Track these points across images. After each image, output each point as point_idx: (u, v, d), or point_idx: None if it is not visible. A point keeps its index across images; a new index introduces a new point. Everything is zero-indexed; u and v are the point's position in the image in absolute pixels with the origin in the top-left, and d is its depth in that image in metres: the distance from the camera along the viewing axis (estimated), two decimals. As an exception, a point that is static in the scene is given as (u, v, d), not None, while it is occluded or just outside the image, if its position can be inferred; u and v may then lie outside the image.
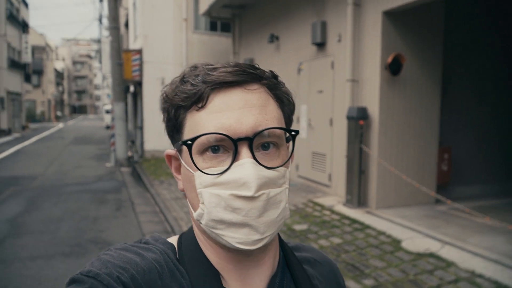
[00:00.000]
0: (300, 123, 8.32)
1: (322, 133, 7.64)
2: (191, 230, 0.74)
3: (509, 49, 7.34)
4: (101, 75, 39.40)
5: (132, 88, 18.21)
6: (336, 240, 5.08)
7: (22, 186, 9.43)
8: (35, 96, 46.08)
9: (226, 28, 14.34)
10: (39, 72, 47.04)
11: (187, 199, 0.71)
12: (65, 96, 76.26)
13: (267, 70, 0.70)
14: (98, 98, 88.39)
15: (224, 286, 0.67)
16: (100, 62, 39.88)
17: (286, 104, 0.71)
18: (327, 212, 6.27)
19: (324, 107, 7.51)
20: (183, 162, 0.68)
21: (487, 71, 7.23)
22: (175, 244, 0.73)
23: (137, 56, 13.67)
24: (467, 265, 4.14)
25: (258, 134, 0.62)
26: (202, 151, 0.64)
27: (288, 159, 0.68)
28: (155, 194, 8.22)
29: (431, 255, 4.47)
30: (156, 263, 0.65)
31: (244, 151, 0.62)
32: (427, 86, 6.41)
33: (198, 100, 0.64)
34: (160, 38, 13.88)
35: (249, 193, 0.60)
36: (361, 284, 3.91)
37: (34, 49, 44.30)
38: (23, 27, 34.22)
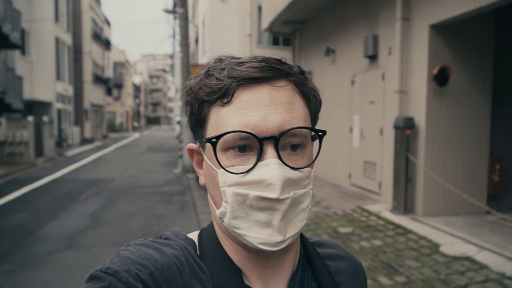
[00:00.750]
0: (353, 133, 8.61)
1: (373, 143, 7.90)
2: (211, 226, 0.73)
3: None
4: (174, 88, 41.75)
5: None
6: (377, 243, 5.37)
7: (102, 187, 10.63)
8: (115, 108, 49.95)
9: (287, 42, 14.95)
10: (119, 86, 50.95)
11: (208, 194, 0.70)
12: (142, 108, 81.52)
13: (294, 66, 0.68)
14: (171, 110, 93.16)
15: (246, 283, 0.67)
16: (173, 75, 42.37)
17: (312, 101, 0.70)
18: (373, 218, 6.54)
19: (375, 117, 7.78)
20: (206, 158, 0.67)
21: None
22: (196, 240, 0.72)
23: (204, 70, 14.69)
24: (499, 268, 4.27)
25: (284, 133, 0.61)
26: (226, 149, 0.62)
27: (314, 160, 0.67)
28: (216, 197, 8.92)
29: (467, 258, 4.63)
30: (175, 259, 0.64)
31: (270, 151, 0.61)
32: (476, 97, 6.48)
33: (223, 96, 0.63)
34: (226, 52, 14.79)
35: (274, 195, 0.59)
36: (393, 280, 4.21)
37: (115, 64, 48.22)
38: (106, 44, 37.52)
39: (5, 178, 12.19)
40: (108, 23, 39.58)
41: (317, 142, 0.70)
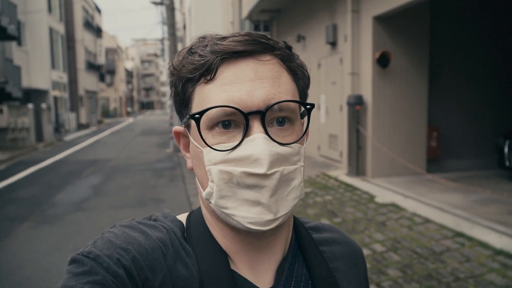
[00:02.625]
0: (320, 110, 9.84)
1: (335, 118, 9.14)
2: (199, 209, 0.71)
3: (495, 40, 8.35)
4: (166, 73, 42.40)
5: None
6: (328, 198, 6.65)
7: (100, 166, 11.85)
8: (108, 94, 50.76)
9: (268, 29, 16.01)
10: (112, 72, 51.66)
11: (195, 177, 0.67)
12: (135, 93, 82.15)
13: (280, 41, 0.65)
14: (164, 94, 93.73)
15: (232, 268, 0.65)
16: (164, 60, 43.08)
17: (300, 77, 0.67)
18: (332, 180, 7.82)
19: (336, 96, 8.99)
20: (191, 139, 0.65)
21: (476, 60, 8.30)
22: (184, 222, 0.70)
23: (191, 57, 15.82)
24: (414, 210, 5.57)
25: (270, 107, 0.59)
26: (211, 127, 0.60)
27: (303, 135, 0.64)
28: (202, 170, 10.18)
29: (392, 204, 5.93)
30: (160, 242, 0.63)
31: (256, 126, 0.58)
32: (415, 76, 7.70)
33: (206, 72, 0.61)
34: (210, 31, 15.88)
35: (261, 170, 0.57)
36: (331, 221, 5.49)
37: (107, 50, 48.84)
38: (97, 32, 38.21)
39: (11, 161, 13.36)
40: (98, 10, 40.16)
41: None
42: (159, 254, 0.61)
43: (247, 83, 0.59)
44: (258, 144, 0.57)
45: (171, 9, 14.90)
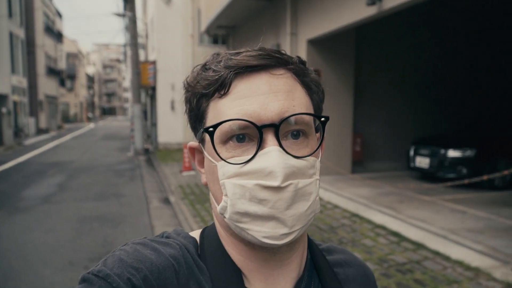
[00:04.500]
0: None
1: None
2: (213, 225, 0.70)
3: (410, 60, 9.96)
4: (129, 78, 42.81)
5: (150, 92, 21.40)
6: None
7: (63, 167, 12.60)
8: (68, 99, 50.33)
9: (225, 43, 17.25)
10: (72, 77, 51.27)
11: (210, 193, 0.67)
12: (96, 99, 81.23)
13: (293, 56, 0.67)
14: (126, 100, 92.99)
15: (246, 286, 0.64)
16: (126, 66, 43.36)
17: (314, 92, 0.67)
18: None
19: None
20: (205, 153, 0.65)
21: (394, 77, 9.86)
22: (198, 239, 0.70)
23: (152, 66, 16.79)
24: (329, 199, 6.89)
25: (284, 120, 0.58)
26: (225, 141, 0.60)
27: (318, 148, 0.64)
28: (159, 171, 11.20)
29: (314, 196, 7.24)
30: (173, 259, 0.62)
31: (270, 139, 0.58)
32: (342, 90, 9.11)
33: (220, 87, 0.61)
34: (171, 51, 16.95)
35: (275, 183, 0.56)
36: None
37: (68, 55, 48.59)
38: (58, 37, 38.21)
39: (-26, 163, 13.84)
40: (60, 15, 40.15)
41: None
42: (171, 272, 0.61)
43: (261, 96, 0.59)
44: (272, 157, 0.56)
45: (133, 21, 15.83)
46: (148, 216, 6.84)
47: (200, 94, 0.64)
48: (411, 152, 8.47)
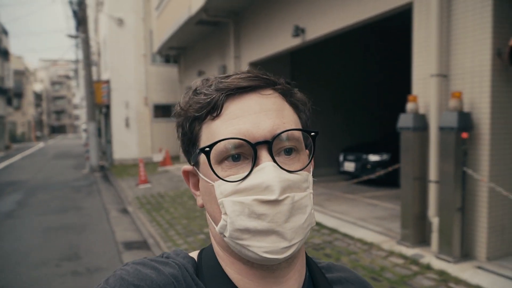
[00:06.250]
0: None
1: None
2: (211, 246, 0.72)
3: (341, 80, 11.38)
4: (80, 95, 42.40)
5: (104, 110, 21.84)
6: None
7: (19, 186, 12.93)
8: (15, 118, 48.93)
9: (176, 62, 18.19)
10: (19, 95, 49.88)
11: (207, 214, 0.69)
12: (44, 117, 78.85)
13: (280, 77, 0.70)
14: (77, 118, 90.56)
15: None
16: (78, 85, 43.01)
17: (301, 110, 0.71)
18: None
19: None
20: (201, 175, 0.67)
21: (326, 95, 11.22)
22: (196, 259, 0.71)
23: (106, 85, 17.42)
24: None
25: (277, 136, 0.61)
26: (221, 161, 0.62)
27: (309, 163, 0.67)
28: (116, 186, 11.88)
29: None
30: (173, 278, 0.63)
31: (264, 155, 0.61)
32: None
33: (213, 109, 0.64)
34: (124, 70, 17.64)
35: (273, 196, 0.58)
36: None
37: (15, 73, 47.37)
38: (5, 54, 37.43)
39: None
40: (5, 32, 39.36)
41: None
42: None
43: (252, 115, 0.62)
44: (267, 172, 0.59)
45: (86, 42, 16.44)
46: (109, 223, 7.61)
47: (193, 118, 0.66)
48: (341, 158, 9.77)
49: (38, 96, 70.30)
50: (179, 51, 15.51)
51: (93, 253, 5.88)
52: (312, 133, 0.66)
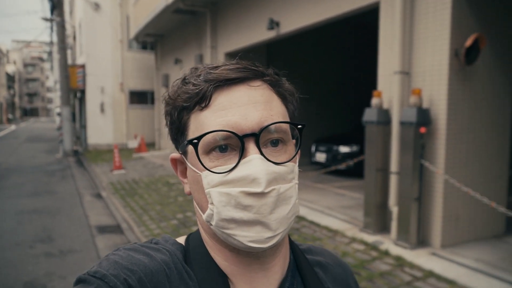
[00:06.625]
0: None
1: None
2: (198, 232, 0.73)
3: (315, 72, 11.63)
4: (53, 78, 41.41)
5: (79, 94, 21.54)
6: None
7: (-10, 169, 12.77)
8: (-14, 99, 47.55)
9: (153, 49, 18.07)
10: (-10, 76, 48.51)
11: (194, 202, 0.70)
12: (17, 99, 76.71)
13: (269, 68, 0.71)
14: (50, 101, 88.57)
15: None
16: (52, 68, 42.04)
17: (289, 101, 0.72)
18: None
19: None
20: (188, 164, 0.68)
21: (303, 87, 11.41)
22: (184, 245, 0.72)
23: (81, 70, 17.20)
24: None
25: (264, 129, 0.62)
26: (209, 151, 0.63)
27: (296, 154, 0.68)
28: (90, 171, 11.88)
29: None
30: (164, 264, 0.65)
31: (251, 147, 0.62)
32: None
33: (201, 100, 0.64)
34: (100, 55, 17.44)
35: (259, 189, 0.59)
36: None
37: (-15, 54, 45.89)
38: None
39: None
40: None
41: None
42: (163, 276, 0.63)
43: (241, 107, 0.62)
44: (254, 164, 0.60)
45: (61, 26, 16.15)
46: (82, 208, 7.70)
47: (181, 107, 0.66)
48: (313, 149, 10.06)
49: (10, 78, 68.27)
50: (156, 38, 15.44)
51: (67, 236, 5.99)
52: (299, 126, 0.67)
